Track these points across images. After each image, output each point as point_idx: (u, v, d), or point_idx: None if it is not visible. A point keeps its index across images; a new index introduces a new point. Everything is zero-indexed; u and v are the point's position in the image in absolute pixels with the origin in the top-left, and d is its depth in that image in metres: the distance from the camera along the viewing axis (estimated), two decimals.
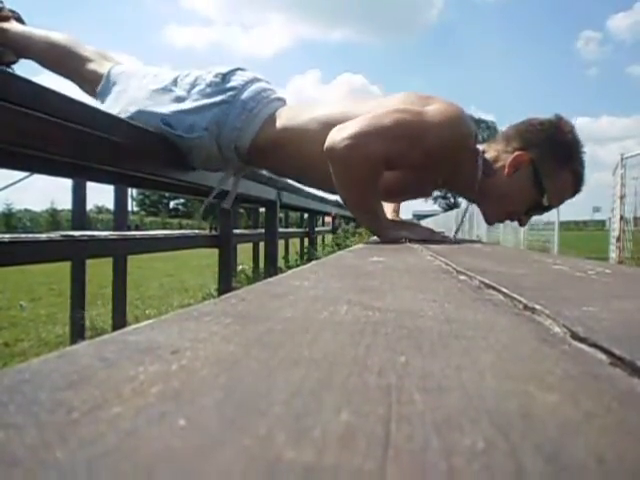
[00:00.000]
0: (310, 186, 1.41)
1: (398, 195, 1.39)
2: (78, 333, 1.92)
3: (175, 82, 1.27)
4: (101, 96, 1.34)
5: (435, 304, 0.29)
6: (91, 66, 1.37)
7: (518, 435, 0.11)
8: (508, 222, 1.33)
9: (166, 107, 1.23)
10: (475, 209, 1.54)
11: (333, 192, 1.34)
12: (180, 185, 1.47)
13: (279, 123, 1.23)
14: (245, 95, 1.25)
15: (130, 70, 1.35)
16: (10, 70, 1.44)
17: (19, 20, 1.43)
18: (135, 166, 1.14)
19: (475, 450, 0.10)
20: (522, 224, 1.28)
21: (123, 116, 1.22)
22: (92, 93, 1.38)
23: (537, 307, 0.27)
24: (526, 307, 0.28)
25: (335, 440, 0.11)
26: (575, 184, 1.18)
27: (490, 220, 1.29)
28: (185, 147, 1.26)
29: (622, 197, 5.01)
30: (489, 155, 1.19)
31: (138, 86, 1.29)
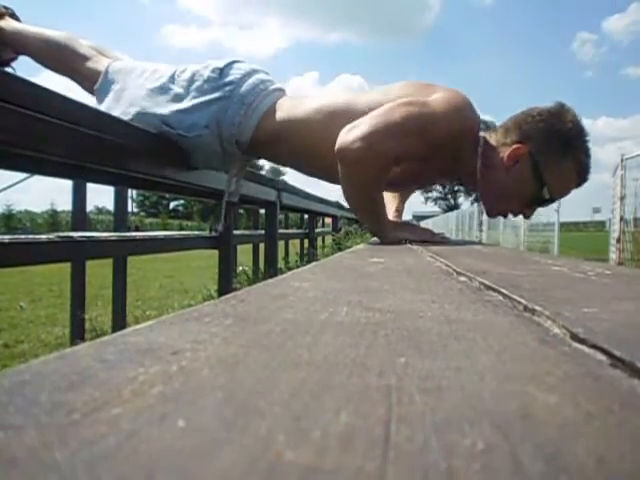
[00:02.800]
0: (312, 175, 1.39)
1: (401, 186, 1.38)
2: (78, 334, 1.92)
3: (173, 79, 1.27)
4: (100, 94, 1.33)
5: (435, 305, 0.29)
6: (88, 64, 1.36)
7: (518, 436, 0.11)
8: (508, 220, 1.32)
9: (165, 107, 1.23)
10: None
11: (336, 182, 1.35)
12: (180, 186, 1.47)
13: (280, 115, 1.23)
14: (243, 89, 1.24)
15: (127, 67, 1.34)
16: (11, 68, 1.44)
17: (14, 17, 1.42)
18: (135, 167, 1.14)
19: (475, 451, 0.10)
20: (527, 217, 1.24)
21: (125, 119, 1.22)
22: (91, 90, 1.37)
23: (537, 308, 0.27)
24: (526, 308, 0.28)
25: (335, 441, 0.11)
26: (579, 174, 1.14)
27: (490, 213, 1.26)
28: (187, 146, 1.25)
29: (622, 198, 5.01)
30: (488, 147, 1.16)
31: (136, 85, 1.28)
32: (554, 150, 1.11)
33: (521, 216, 1.25)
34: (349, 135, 1.04)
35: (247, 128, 1.24)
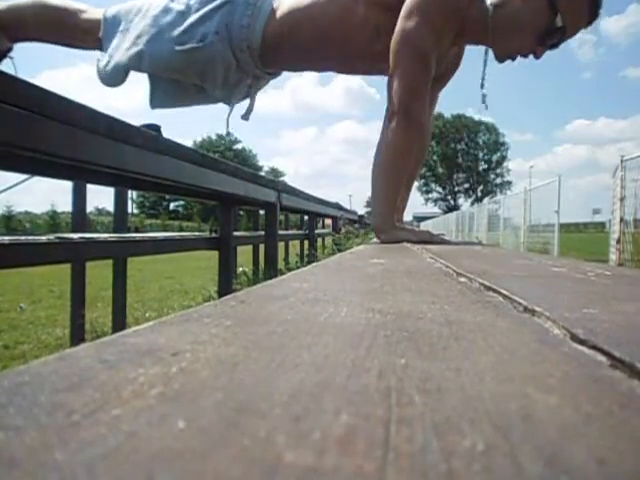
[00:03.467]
0: (327, 69, 1.40)
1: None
2: (78, 335, 1.92)
3: None
4: (106, 40, 1.33)
5: (435, 306, 0.29)
6: (87, 16, 1.37)
7: (518, 437, 0.11)
8: (508, 220, 1.30)
9: (173, 29, 1.23)
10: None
11: (348, 71, 1.39)
12: (180, 187, 1.47)
13: (285, 8, 1.24)
14: None
15: (125, 7, 1.35)
16: (9, 58, 1.43)
17: None
18: (135, 168, 1.14)
19: (475, 452, 0.10)
20: (538, 56, 1.22)
21: (135, 50, 1.23)
22: (96, 43, 1.37)
23: (537, 309, 0.27)
24: (526, 309, 0.28)
25: (335, 442, 0.11)
26: (590, 7, 1.13)
27: (501, 55, 1.23)
28: (202, 64, 1.25)
29: (622, 199, 5.01)
30: None
31: (140, 18, 1.29)
32: None
33: (532, 55, 1.23)
34: (395, 96, 1.13)
35: (256, 30, 1.24)
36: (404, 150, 1.17)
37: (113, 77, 1.31)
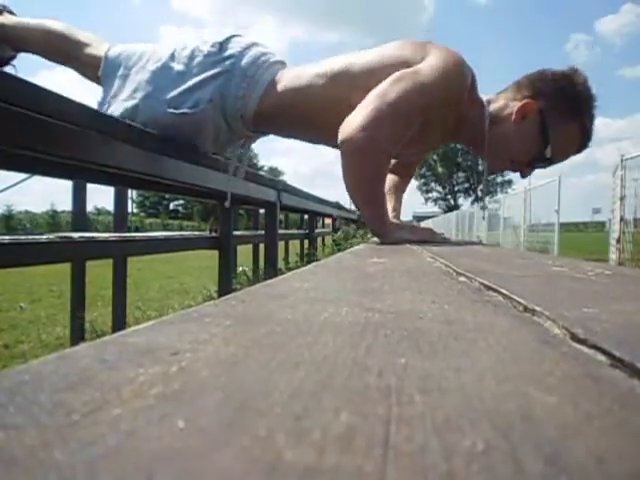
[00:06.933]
0: (317, 143, 1.40)
1: (406, 148, 1.33)
2: (78, 335, 1.92)
3: (173, 57, 1.27)
4: (105, 80, 1.33)
5: (435, 305, 0.29)
6: (89, 50, 1.36)
7: (518, 436, 0.11)
8: (508, 220, 1.32)
9: (169, 90, 1.23)
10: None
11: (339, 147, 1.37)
12: (180, 186, 1.47)
13: (282, 85, 1.24)
14: (244, 62, 1.25)
15: (127, 50, 1.35)
16: (12, 67, 1.44)
17: (10, 13, 1.42)
18: (135, 167, 1.14)
19: (475, 451, 0.10)
20: (524, 175, 1.26)
21: (131, 103, 1.23)
22: (94, 78, 1.37)
23: (537, 309, 0.27)
24: (526, 309, 0.28)
25: (335, 441, 0.11)
26: (581, 139, 1.16)
27: (493, 168, 1.27)
28: (193, 126, 1.25)
29: (622, 198, 5.01)
30: (497, 104, 1.19)
31: (139, 68, 1.29)
32: (562, 111, 1.13)
33: (518, 173, 1.25)
34: (350, 126, 1.06)
35: (250, 101, 1.24)
36: (369, 179, 1.10)
37: None
